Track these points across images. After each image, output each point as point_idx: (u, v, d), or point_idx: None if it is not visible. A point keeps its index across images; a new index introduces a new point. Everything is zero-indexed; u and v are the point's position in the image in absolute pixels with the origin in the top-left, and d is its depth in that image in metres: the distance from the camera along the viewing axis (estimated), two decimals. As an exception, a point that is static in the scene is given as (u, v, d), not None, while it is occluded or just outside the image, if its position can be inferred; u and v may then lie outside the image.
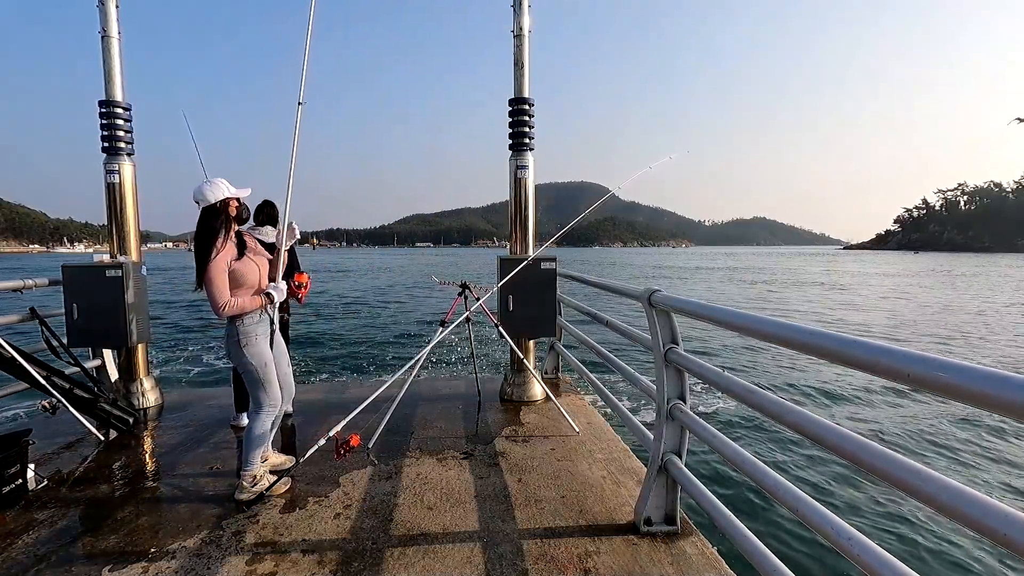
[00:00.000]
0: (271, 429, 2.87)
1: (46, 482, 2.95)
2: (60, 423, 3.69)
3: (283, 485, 2.85)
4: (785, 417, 1.66)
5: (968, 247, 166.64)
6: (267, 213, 3.86)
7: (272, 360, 2.78)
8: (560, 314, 4.97)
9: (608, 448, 3.48)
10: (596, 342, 4.13)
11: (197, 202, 2.60)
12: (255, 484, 2.74)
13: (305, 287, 3.10)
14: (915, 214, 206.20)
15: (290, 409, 4.17)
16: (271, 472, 2.94)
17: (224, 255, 2.59)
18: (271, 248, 3.74)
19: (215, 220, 2.60)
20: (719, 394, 7.63)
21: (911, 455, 6.17)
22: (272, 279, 2.85)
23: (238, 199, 2.71)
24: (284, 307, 4.14)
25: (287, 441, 3.69)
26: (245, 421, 3.98)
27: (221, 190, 2.62)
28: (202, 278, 2.56)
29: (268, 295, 2.75)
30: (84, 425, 3.49)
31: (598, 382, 4.06)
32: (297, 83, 2.76)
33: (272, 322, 2.81)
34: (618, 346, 11.24)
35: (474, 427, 3.85)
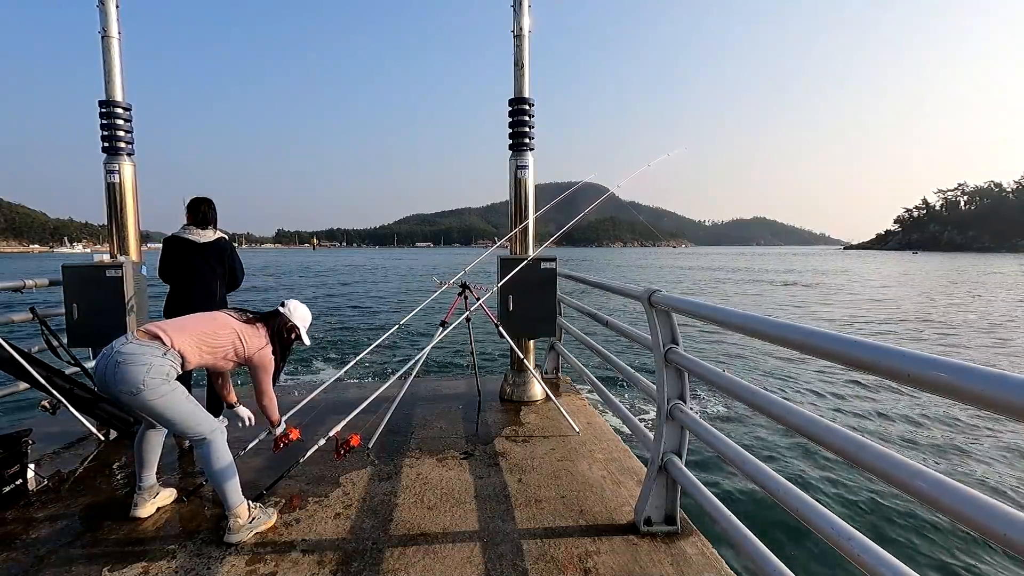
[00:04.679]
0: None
1: (46, 482, 2.95)
2: (60, 423, 3.69)
3: (269, 520, 2.51)
4: (785, 417, 1.66)
5: (968, 247, 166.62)
6: (202, 212, 3.50)
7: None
8: (560, 314, 4.97)
9: (608, 448, 3.47)
10: (596, 342, 4.13)
11: (283, 304, 2.74)
12: (252, 521, 2.44)
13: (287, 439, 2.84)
14: (915, 214, 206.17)
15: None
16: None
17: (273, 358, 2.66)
18: (205, 249, 3.50)
19: (285, 331, 2.72)
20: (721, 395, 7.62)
21: (911, 455, 6.17)
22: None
23: (299, 330, 2.78)
24: (214, 308, 3.77)
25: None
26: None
27: (306, 318, 2.79)
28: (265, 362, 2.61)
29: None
30: (84, 425, 3.49)
31: (598, 382, 4.06)
32: (295, 84, 2.79)
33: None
34: (618, 346, 11.23)
35: (474, 427, 3.85)
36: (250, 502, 2.48)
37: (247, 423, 2.85)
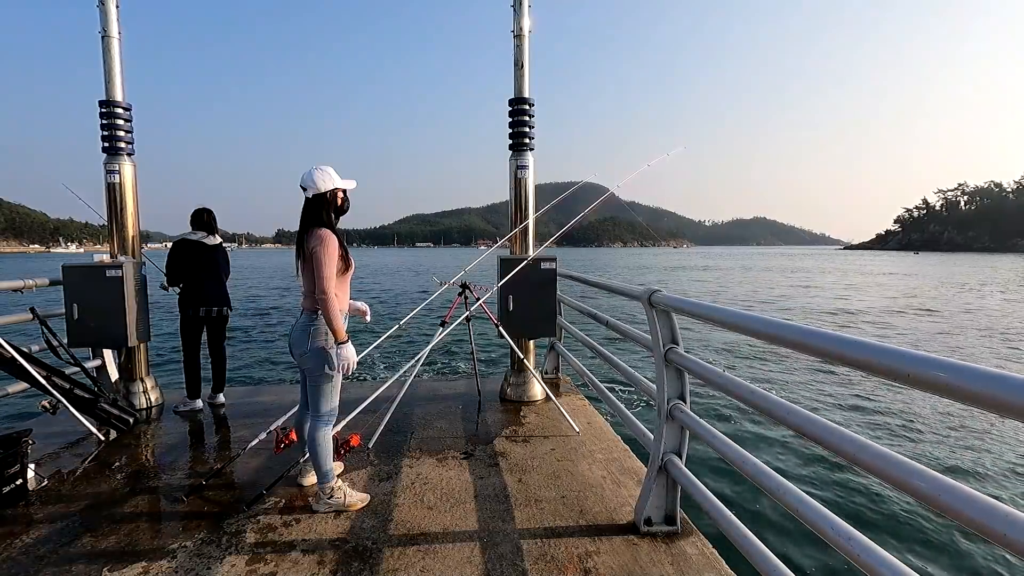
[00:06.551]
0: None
1: (46, 482, 2.95)
2: (60, 423, 3.69)
3: (360, 502, 2.68)
4: (785, 417, 1.66)
5: (968, 247, 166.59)
6: (207, 221, 4.26)
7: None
8: (560, 314, 4.97)
9: (608, 448, 3.48)
10: (596, 342, 4.13)
11: (304, 188, 2.50)
12: (332, 497, 2.62)
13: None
14: (915, 214, 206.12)
15: (222, 399, 4.38)
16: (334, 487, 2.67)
17: (336, 242, 2.49)
18: (211, 250, 4.17)
19: (323, 208, 2.51)
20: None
21: (910, 455, 6.17)
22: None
23: (344, 190, 2.62)
24: (223, 300, 4.23)
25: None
26: (199, 405, 4.24)
27: (330, 179, 2.53)
28: (310, 261, 2.42)
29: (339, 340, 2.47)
30: (84, 425, 3.49)
31: (598, 382, 4.06)
32: (295, 84, 2.76)
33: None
34: (618, 346, 11.23)
35: (474, 427, 3.85)
36: (341, 483, 2.68)
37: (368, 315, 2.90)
